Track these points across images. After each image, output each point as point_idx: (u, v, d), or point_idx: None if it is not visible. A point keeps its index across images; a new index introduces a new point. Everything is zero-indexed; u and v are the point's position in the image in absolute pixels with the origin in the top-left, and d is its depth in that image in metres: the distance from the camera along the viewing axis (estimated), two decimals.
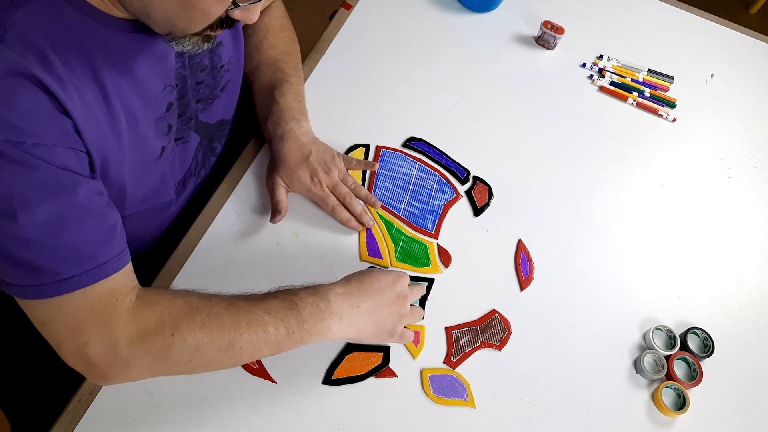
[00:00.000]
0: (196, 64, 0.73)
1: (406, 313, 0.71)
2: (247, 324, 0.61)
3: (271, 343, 0.62)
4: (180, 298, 0.60)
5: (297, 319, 0.63)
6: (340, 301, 0.66)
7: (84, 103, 0.56)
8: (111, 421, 0.66)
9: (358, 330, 0.68)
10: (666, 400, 0.75)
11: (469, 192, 0.89)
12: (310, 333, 0.64)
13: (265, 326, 0.61)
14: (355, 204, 0.82)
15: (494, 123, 0.97)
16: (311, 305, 0.64)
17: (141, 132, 0.66)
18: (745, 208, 0.95)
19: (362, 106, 0.95)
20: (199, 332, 0.59)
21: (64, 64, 0.54)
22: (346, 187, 0.83)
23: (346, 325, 0.66)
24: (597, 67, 1.08)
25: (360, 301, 0.67)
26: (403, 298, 0.70)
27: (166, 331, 0.58)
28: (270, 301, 0.63)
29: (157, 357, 0.58)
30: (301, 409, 0.69)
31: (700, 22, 1.20)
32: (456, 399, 0.72)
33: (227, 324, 0.60)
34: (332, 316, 0.65)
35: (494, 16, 1.12)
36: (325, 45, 1.01)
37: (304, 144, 0.82)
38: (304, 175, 0.81)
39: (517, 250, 0.84)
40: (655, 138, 1.01)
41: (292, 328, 0.63)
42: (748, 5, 2.50)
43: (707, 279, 0.87)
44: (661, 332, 0.80)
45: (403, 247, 0.82)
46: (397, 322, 0.70)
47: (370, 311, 0.68)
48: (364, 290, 0.68)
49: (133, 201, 0.71)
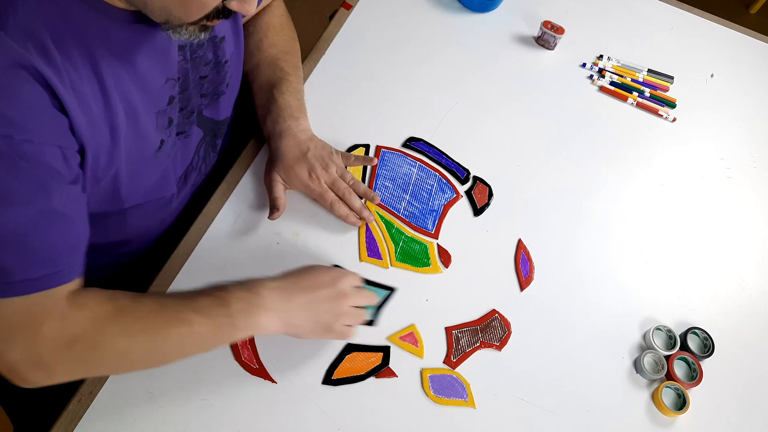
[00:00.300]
0: (199, 57, 0.73)
1: (345, 312, 0.69)
2: (173, 324, 0.60)
3: (198, 341, 0.62)
4: (109, 303, 0.59)
5: (226, 316, 0.62)
6: (273, 295, 0.65)
7: (78, 95, 0.56)
8: (111, 421, 0.66)
9: (293, 325, 0.67)
10: (666, 400, 0.75)
11: (469, 192, 0.89)
12: (240, 329, 0.63)
13: (191, 325, 0.60)
14: (354, 199, 0.82)
15: (494, 123, 0.97)
16: (242, 300, 0.63)
17: (141, 125, 0.66)
18: (745, 208, 0.96)
19: (362, 106, 0.95)
20: (126, 336, 0.59)
21: (63, 55, 0.54)
22: (345, 183, 0.83)
23: (278, 319, 0.65)
24: (597, 67, 1.08)
25: (295, 295, 0.67)
26: (343, 297, 0.69)
27: (94, 335, 0.57)
28: (199, 299, 0.62)
29: (83, 361, 0.58)
30: (301, 409, 0.69)
31: (700, 22, 1.20)
32: (456, 399, 0.72)
33: (153, 326, 0.60)
34: (263, 311, 0.64)
35: (494, 16, 1.12)
36: (325, 45, 1.01)
37: (302, 141, 0.82)
38: (302, 172, 0.81)
39: (517, 250, 0.85)
40: (655, 138, 1.01)
41: (220, 324, 0.62)
42: (748, 5, 2.50)
43: (707, 279, 0.87)
44: (661, 332, 0.80)
45: (403, 247, 0.82)
46: (335, 320, 0.68)
47: (305, 307, 0.67)
48: (301, 285, 0.68)
49: (131, 193, 0.71)
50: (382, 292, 0.78)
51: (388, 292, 0.78)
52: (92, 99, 0.58)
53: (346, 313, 0.69)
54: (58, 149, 0.55)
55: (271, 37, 0.90)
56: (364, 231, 0.83)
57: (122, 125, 0.63)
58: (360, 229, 0.83)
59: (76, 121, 0.56)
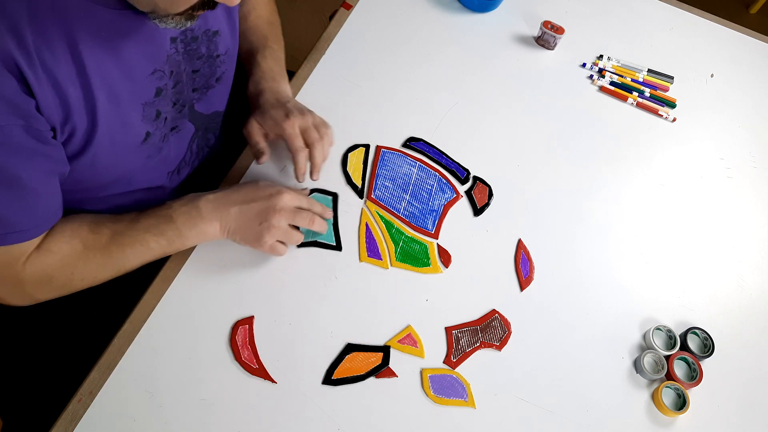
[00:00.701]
0: (192, 51, 0.73)
1: (276, 226, 0.72)
2: (131, 246, 0.70)
3: (156, 254, 0.72)
4: (76, 239, 0.68)
5: (174, 230, 0.71)
6: (210, 207, 0.73)
7: (50, 77, 0.57)
8: (111, 421, 0.66)
9: (230, 232, 0.74)
10: (666, 400, 0.75)
11: (469, 192, 0.89)
12: (188, 238, 0.72)
13: (147, 244, 0.71)
14: (319, 151, 0.82)
15: (494, 123, 0.97)
16: (184, 214, 0.72)
17: (123, 113, 0.66)
18: (745, 208, 0.96)
19: (362, 106, 0.95)
20: (94, 266, 0.70)
21: (38, 35, 0.55)
22: (317, 133, 0.82)
23: (217, 227, 0.73)
24: (597, 67, 1.08)
25: (230, 206, 0.73)
26: (276, 211, 0.72)
27: (66, 272, 0.68)
28: (147, 220, 0.71)
29: (61, 288, 0.70)
30: (301, 409, 0.69)
31: (700, 22, 1.20)
32: (456, 399, 0.72)
33: (115, 252, 0.70)
34: (203, 220, 0.72)
35: (494, 16, 1.12)
36: (325, 45, 1.01)
37: (283, 96, 0.85)
38: (278, 114, 0.81)
39: (517, 250, 0.85)
40: (655, 138, 1.01)
41: (171, 238, 0.71)
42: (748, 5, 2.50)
43: (707, 279, 0.87)
44: (661, 332, 0.80)
45: (403, 247, 0.82)
46: (265, 232, 0.72)
47: (239, 216, 0.73)
48: (236, 196, 0.74)
49: (114, 179, 0.73)
50: (326, 198, 0.81)
51: (330, 198, 0.82)
52: (68, 80, 0.58)
53: (276, 228, 0.73)
54: (26, 129, 0.56)
55: (259, 9, 0.94)
56: (364, 231, 0.83)
57: (104, 110, 0.63)
58: (360, 229, 0.83)
59: (43, 102, 0.57)
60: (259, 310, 0.75)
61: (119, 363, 0.69)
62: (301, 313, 0.75)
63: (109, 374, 0.68)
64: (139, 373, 0.69)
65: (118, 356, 0.70)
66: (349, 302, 0.77)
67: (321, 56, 1.00)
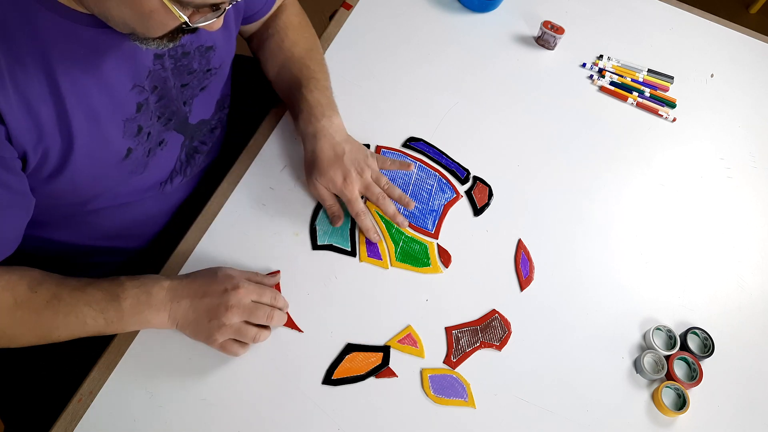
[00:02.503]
0: (183, 66, 0.73)
1: (227, 324, 0.67)
2: (65, 316, 0.64)
3: (89, 332, 0.66)
4: (8, 293, 0.63)
5: (117, 311, 0.65)
6: (162, 295, 0.67)
7: (22, 98, 0.56)
8: (111, 421, 0.66)
9: (180, 325, 0.68)
10: (666, 400, 0.75)
11: (469, 192, 0.89)
12: (129, 323, 0.66)
13: (84, 318, 0.64)
14: (387, 205, 0.81)
15: (494, 123, 0.97)
16: (132, 298, 0.66)
17: (103, 130, 0.65)
18: (745, 208, 0.95)
19: (362, 106, 0.95)
20: (18, 326, 0.63)
21: (9, 55, 0.54)
22: (378, 188, 0.81)
23: (165, 318, 0.67)
24: (597, 67, 1.08)
25: (181, 298, 0.67)
26: (228, 309, 0.66)
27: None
28: (93, 292, 0.65)
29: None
30: (301, 409, 0.69)
31: (700, 22, 1.20)
32: (456, 399, 0.72)
33: (46, 317, 0.64)
34: (151, 309, 0.66)
35: (494, 16, 1.12)
36: (325, 45, 1.01)
37: (338, 143, 0.81)
38: (337, 176, 0.79)
39: (517, 250, 0.84)
40: (655, 138, 1.01)
41: (111, 319, 0.65)
42: (748, 5, 2.50)
43: (707, 279, 0.87)
44: (661, 332, 0.80)
45: (403, 247, 0.82)
46: (215, 331, 0.67)
47: (188, 311, 0.67)
48: (191, 288, 0.68)
49: (99, 196, 0.71)
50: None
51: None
52: (41, 100, 0.58)
53: (226, 326, 0.67)
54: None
55: (292, 35, 0.89)
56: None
57: (81, 129, 0.62)
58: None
59: (15, 128, 0.56)
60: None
61: (119, 363, 0.69)
62: (301, 312, 0.75)
63: (109, 374, 0.68)
64: (139, 373, 0.69)
65: (118, 356, 0.70)
66: (349, 302, 0.77)
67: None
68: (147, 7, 0.52)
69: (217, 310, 0.67)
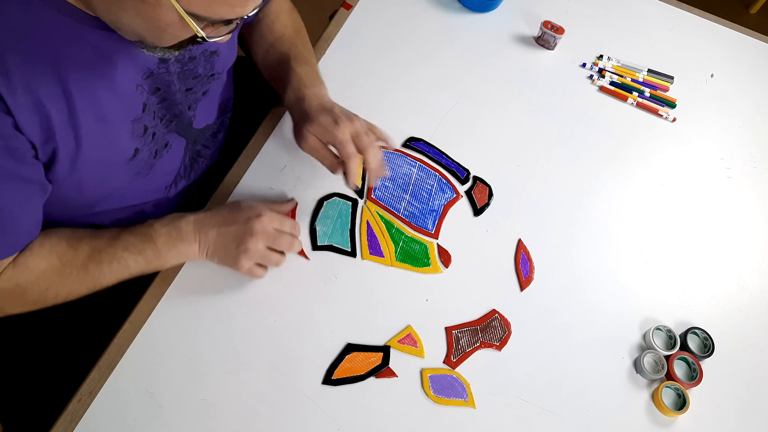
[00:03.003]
0: (189, 71, 0.73)
1: (253, 250, 0.72)
2: (109, 264, 0.69)
3: (134, 273, 0.71)
4: (54, 255, 0.68)
5: (153, 249, 0.71)
6: (190, 228, 0.73)
7: (32, 99, 0.56)
8: (111, 421, 0.66)
9: (209, 253, 0.73)
10: (666, 400, 0.75)
11: (469, 192, 0.89)
12: (167, 258, 0.72)
13: (125, 262, 0.70)
14: (373, 155, 0.78)
15: (494, 123, 0.97)
16: (164, 235, 0.71)
17: (114, 132, 0.66)
18: (745, 208, 0.95)
19: (362, 106, 0.95)
20: (69, 282, 0.69)
21: (20, 57, 0.54)
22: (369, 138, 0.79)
23: (196, 249, 0.73)
24: (597, 67, 1.08)
25: (209, 228, 0.73)
26: (253, 235, 0.72)
27: (41, 287, 0.67)
28: (127, 237, 0.71)
29: (34, 303, 0.69)
30: (301, 409, 0.69)
31: (700, 22, 1.20)
32: (456, 399, 0.72)
33: (93, 270, 0.69)
34: (183, 242, 0.72)
35: (494, 16, 1.12)
36: (325, 45, 1.01)
37: (327, 102, 0.82)
38: (327, 120, 0.77)
39: (517, 250, 0.84)
40: (655, 138, 1.01)
41: (149, 257, 0.71)
42: (748, 5, 2.50)
43: (707, 279, 0.87)
44: (661, 332, 0.80)
45: (403, 247, 0.82)
46: (242, 255, 0.72)
47: (217, 239, 0.73)
48: (216, 219, 0.73)
49: (105, 198, 0.72)
50: (345, 203, 0.81)
51: (350, 203, 0.82)
52: (51, 103, 0.58)
53: (252, 251, 0.72)
54: (4, 149, 0.56)
55: (283, 19, 0.92)
56: (365, 229, 0.83)
57: (90, 131, 0.62)
58: (361, 227, 0.83)
59: (23, 121, 0.56)
60: (259, 310, 0.75)
61: (119, 363, 0.69)
62: (301, 312, 0.75)
63: (109, 374, 0.68)
64: (139, 373, 0.69)
65: (118, 356, 0.70)
66: (349, 302, 0.77)
67: (321, 56, 1.00)
68: (164, 20, 0.52)
69: (243, 237, 0.72)
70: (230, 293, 0.75)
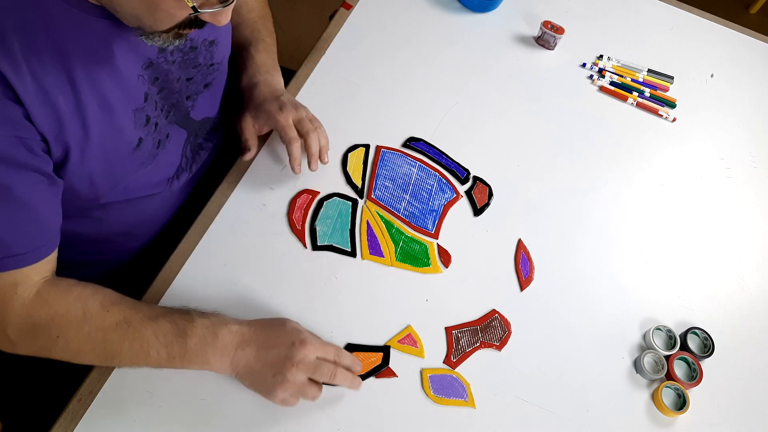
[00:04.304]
0: (189, 60, 0.73)
1: (291, 381, 0.65)
2: (131, 342, 0.63)
3: (150, 363, 0.65)
4: (79, 304, 0.63)
5: (181, 347, 0.64)
6: (230, 339, 0.66)
7: (39, 88, 0.56)
8: (111, 421, 0.66)
9: (238, 373, 0.67)
10: (666, 400, 0.75)
11: (469, 192, 0.89)
12: (190, 363, 0.65)
13: (147, 349, 0.63)
14: (313, 141, 0.81)
15: (494, 123, 0.97)
16: (199, 337, 0.65)
17: (117, 121, 0.65)
18: (745, 208, 0.96)
19: (362, 106, 0.95)
20: (84, 342, 0.63)
21: (26, 45, 0.54)
22: (311, 125, 0.82)
23: (227, 363, 0.66)
24: (597, 67, 1.08)
25: (248, 345, 0.66)
26: (294, 364, 0.65)
27: (52, 332, 0.62)
28: (162, 323, 0.64)
29: (41, 349, 0.63)
30: (301, 409, 0.69)
31: (700, 22, 1.20)
32: (456, 399, 0.72)
33: (113, 340, 0.63)
34: (215, 352, 0.65)
35: (494, 16, 1.12)
36: (325, 45, 1.01)
37: (277, 89, 0.85)
38: (272, 106, 0.81)
39: (517, 250, 0.85)
40: (655, 138, 1.01)
41: (173, 354, 0.64)
42: (748, 5, 2.50)
43: (707, 279, 0.87)
44: (661, 332, 0.80)
45: (403, 247, 0.82)
46: (278, 386, 0.65)
47: (252, 361, 0.66)
48: (258, 336, 0.67)
49: (109, 189, 0.71)
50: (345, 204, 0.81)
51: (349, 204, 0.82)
52: (59, 91, 0.58)
53: (290, 383, 0.65)
54: (15, 139, 0.55)
55: (250, 3, 0.94)
56: (365, 228, 0.83)
57: (96, 119, 0.62)
58: (361, 227, 0.83)
59: (34, 111, 0.56)
60: (260, 310, 0.75)
61: None
62: (301, 312, 0.75)
63: (109, 374, 0.68)
64: (139, 373, 0.69)
65: None
66: (349, 302, 0.77)
67: (321, 56, 1.00)
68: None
69: (283, 365, 0.65)
70: (230, 293, 0.75)
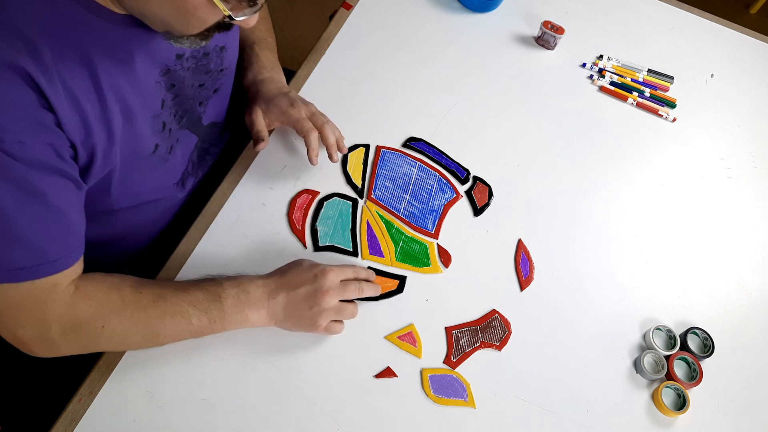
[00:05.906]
0: (202, 66, 0.74)
1: (328, 308, 0.70)
2: (172, 316, 0.66)
3: (194, 331, 0.68)
4: (115, 292, 0.65)
5: (219, 310, 0.68)
6: (260, 292, 0.70)
7: (69, 95, 0.57)
8: (111, 421, 0.66)
9: (278, 320, 0.71)
10: (666, 400, 0.75)
11: (469, 192, 0.89)
12: (230, 322, 0.69)
13: (189, 317, 0.66)
14: (329, 132, 0.83)
15: (494, 123, 0.97)
16: (233, 297, 0.68)
17: (137, 127, 0.66)
18: (745, 208, 0.96)
19: (362, 106, 0.95)
20: (127, 324, 0.64)
21: (54, 53, 0.55)
22: (324, 117, 0.84)
23: (264, 315, 0.70)
24: (597, 67, 1.08)
25: (277, 293, 0.70)
26: (324, 293, 0.70)
27: (97, 323, 0.63)
28: (195, 293, 0.67)
29: (86, 343, 0.64)
30: (301, 409, 0.69)
31: (700, 22, 1.20)
32: (456, 399, 0.72)
33: (154, 316, 0.65)
34: (251, 307, 0.69)
35: (494, 16, 1.12)
36: (325, 45, 1.01)
37: (284, 86, 0.87)
38: (283, 102, 0.83)
39: (517, 250, 0.85)
40: (655, 138, 1.01)
41: (213, 318, 0.67)
42: (748, 5, 2.50)
43: (707, 279, 0.87)
44: (661, 332, 0.80)
45: (403, 247, 0.82)
46: (317, 316, 0.70)
47: (287, 304, 0.70)
48: (282, 283, 0.71)
49: (122, 196, 0.72)
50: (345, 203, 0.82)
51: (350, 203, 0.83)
52: (86, 98, 0.58)
53: (327, 309, 0.70)
54: (49, 146, 0.56)
55: None
56: (365, 229, 0.83)
57: (118, 125, 0.63)
58: (361, 227, 0.83)
59: (64, 118, 0.56)
60: None
61: (119, 363, 0.69)
62: None
63: (109, 374, 0.68)
64: (139, 373, 0.69)
65: (118, 356, 0.70)
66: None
67: (321, 56, 1.00)
68: (191, 3, 0.54)
69: (315, 297, 0.70)
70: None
